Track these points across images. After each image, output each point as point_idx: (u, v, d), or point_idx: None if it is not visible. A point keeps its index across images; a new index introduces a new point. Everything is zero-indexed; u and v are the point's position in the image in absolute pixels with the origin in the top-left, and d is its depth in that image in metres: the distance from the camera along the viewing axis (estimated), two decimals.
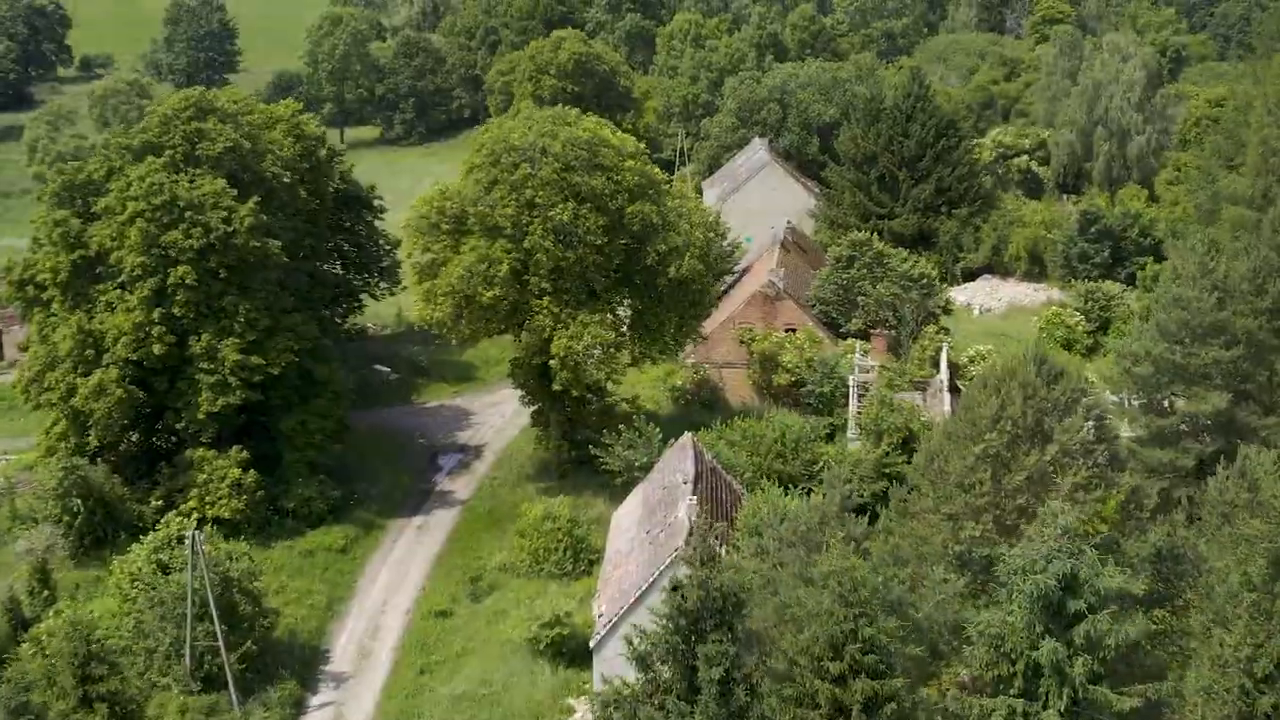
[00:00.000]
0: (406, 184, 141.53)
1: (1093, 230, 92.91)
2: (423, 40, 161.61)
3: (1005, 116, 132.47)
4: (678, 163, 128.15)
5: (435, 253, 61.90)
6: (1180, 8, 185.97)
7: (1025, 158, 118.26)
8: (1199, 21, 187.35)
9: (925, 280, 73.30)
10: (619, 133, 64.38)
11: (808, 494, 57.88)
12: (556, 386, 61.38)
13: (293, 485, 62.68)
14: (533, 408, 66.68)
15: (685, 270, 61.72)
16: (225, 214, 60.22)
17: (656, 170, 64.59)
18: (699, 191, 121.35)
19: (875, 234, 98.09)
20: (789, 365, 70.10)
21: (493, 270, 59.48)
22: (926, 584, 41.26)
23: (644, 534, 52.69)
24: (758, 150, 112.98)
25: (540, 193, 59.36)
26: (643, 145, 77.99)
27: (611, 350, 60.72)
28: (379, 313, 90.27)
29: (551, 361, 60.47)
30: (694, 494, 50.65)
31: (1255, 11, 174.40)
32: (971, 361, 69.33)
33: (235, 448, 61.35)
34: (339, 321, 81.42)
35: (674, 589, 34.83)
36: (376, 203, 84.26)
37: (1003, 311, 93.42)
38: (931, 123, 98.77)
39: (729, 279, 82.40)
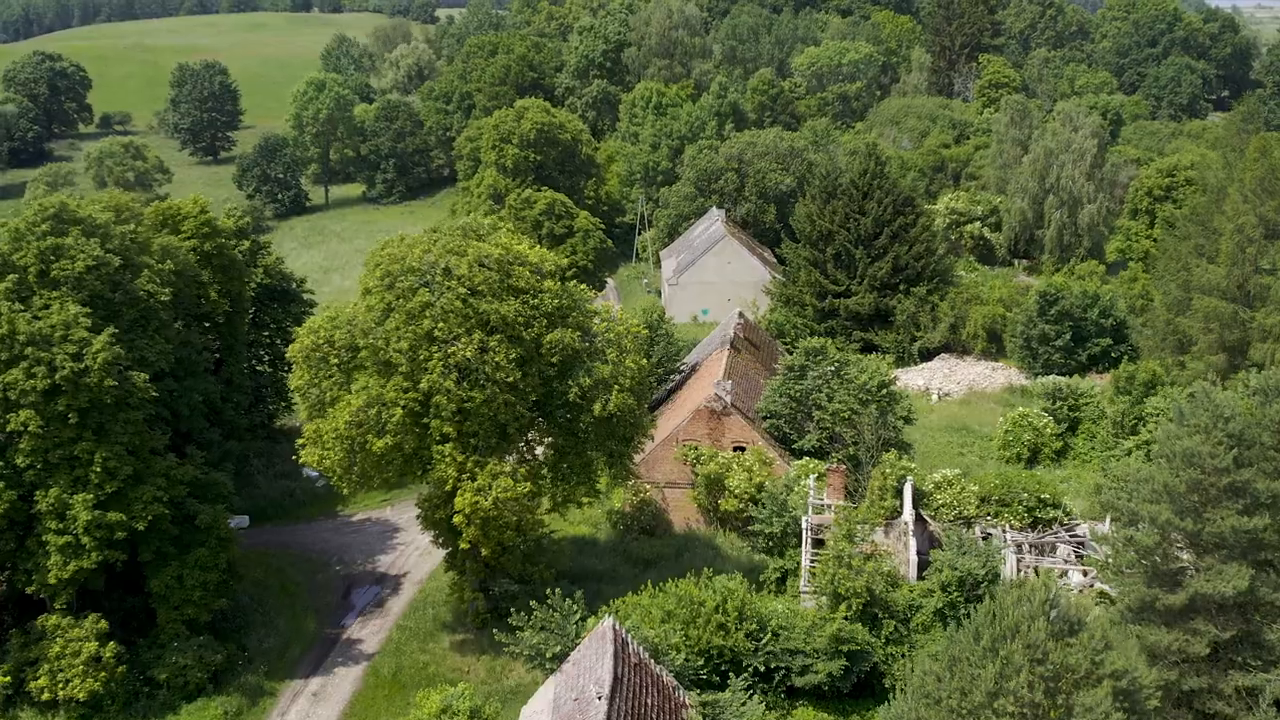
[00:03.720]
0: None
1: (1052, 312, 76.77)
2: (403, 104, 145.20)
3: (956, 180, 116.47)
4: (638, 228, 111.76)
5: (324, 389, 45.27)
6: (1111, 68, 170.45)
7: (978, 224, 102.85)
8: (1128, 81, 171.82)
9: (885, 391, 56.87)
10: (537, 247, 47.58)
11: (753, 679, 42.12)
12: (463, 545, 45.00)
13: (167, 651, 46.34)
14: (447, 549, 50.18)
15: (614, 406, 45.26)
16: (76, 348, 43.79)
17: (583, 288, 47.88)
18: (658, 260, 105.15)
19: (831, 315, 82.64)
20: (737, 491, 53.95)
21: (385, 415, 43.04)
22: None
23: None
24: (715, 221, 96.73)
25: (440, 324, 42.90)
26: (597, 222, 62.10)
27: (526, 501, 44.37)
28: None
29: (456, 517, 44.03)
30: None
31: (1185, 74, 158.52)
32: (938, 488, 53.03)
33: (93, 615, 45.01)
34: (264, 423, 65.06)
35: None
36: (306, 295, 68.00)
37: (962, 395, 77.10)
38: (888, 200, 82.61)
39: (675, 378, 65.90)
